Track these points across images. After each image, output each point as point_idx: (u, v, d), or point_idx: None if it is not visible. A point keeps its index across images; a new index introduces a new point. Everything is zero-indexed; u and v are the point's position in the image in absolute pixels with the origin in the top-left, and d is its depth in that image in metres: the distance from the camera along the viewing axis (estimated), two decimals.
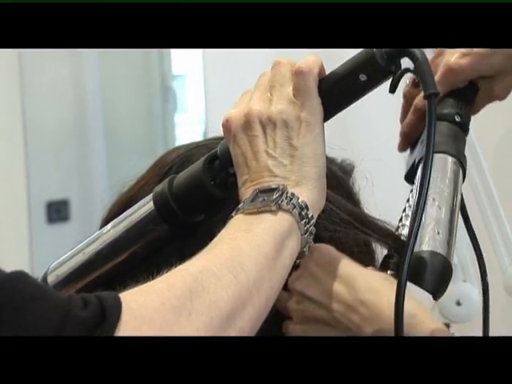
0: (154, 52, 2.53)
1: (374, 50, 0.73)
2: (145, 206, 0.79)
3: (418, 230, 0.69)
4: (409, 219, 0.79)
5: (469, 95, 0.83)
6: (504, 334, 0.72)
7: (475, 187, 1.81)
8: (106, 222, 0.84)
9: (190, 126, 2.65)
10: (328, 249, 0.78)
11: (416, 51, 0.73)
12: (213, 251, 0.68)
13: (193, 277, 0.64)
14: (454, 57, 0.82)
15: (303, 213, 0.71)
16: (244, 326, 0.65)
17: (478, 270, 0.95)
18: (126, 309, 0.59)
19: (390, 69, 0.74)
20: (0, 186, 2.22)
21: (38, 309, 0.57)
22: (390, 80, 0.77)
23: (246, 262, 0.67)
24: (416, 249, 0.71)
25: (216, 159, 0.77)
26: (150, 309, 0.60)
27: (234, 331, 0.64)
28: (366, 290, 0.75)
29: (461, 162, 0.81)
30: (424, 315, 0.74)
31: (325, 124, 0.77)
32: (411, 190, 0.81)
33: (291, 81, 0.75)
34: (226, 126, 0.75)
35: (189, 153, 0.84)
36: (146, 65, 2.61)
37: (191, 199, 0.78)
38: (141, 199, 0.81)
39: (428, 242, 0.73)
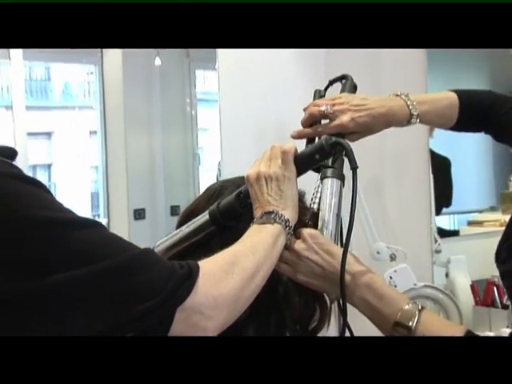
0: (188, 136, 3.01)
1: (323, 142, 0.95)
2: (204, 217, 1.03)
3: (349, 240, 0.90)
4: (316, 199, 1.02)
5: (343, 137, 1.08)
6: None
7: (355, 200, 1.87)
8: (178, 223, 1.08)
9: (206, 172, 3.01)
10: (318, 233, 0.98)
11: (345, 144, 0.96)
12: (242, 242, 0.91)
13: (233, 254, 0.86)
14: (345, 119, 1.06)
15: (287, 224, 0.95)
16: (259, 281, 0.86)
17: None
18: (202, 269, 0.79)
19: (331, 152, 0.98)
20: (140, 200, 2.80)
21: (158, 268, 0.77)
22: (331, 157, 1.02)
23: (259, 247, 0.89)
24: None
25: (241, 193, 1.01)
26: (213, 270, 0.82)
27: (254, 284, 0.85)
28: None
29: (343, 182, 1.02)
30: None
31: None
32: (317, 187, 1.04)
33: (280, 156, 0.98)
34: (248, 179, 0.99)
35: (223, 184, 1.08)
36: (184, 141, 3.04)
37: (228, 213, 1.01)
38: (197, 211, 1.05)
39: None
